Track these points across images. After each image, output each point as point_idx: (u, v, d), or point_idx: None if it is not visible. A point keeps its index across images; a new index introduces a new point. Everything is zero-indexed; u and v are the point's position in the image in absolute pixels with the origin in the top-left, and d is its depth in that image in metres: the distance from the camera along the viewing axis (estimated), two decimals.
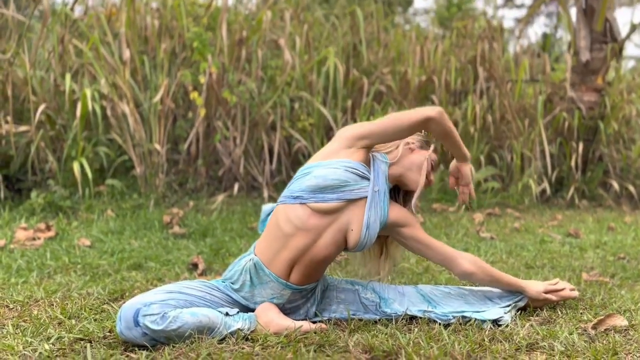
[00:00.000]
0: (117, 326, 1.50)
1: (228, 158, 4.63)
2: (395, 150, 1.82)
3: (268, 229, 1.73)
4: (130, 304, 1.51)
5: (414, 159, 1.83)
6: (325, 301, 1.83)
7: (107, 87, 4.32)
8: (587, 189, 5.26)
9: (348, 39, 5.52)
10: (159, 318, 1.49)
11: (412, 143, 1.86)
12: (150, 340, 1.49)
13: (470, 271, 1.80)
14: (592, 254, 3.00)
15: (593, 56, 5.31)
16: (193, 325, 1.52)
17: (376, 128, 1.73)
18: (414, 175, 1.81)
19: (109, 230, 3.41)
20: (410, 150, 1.84)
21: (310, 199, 1.66)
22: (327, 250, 1.69)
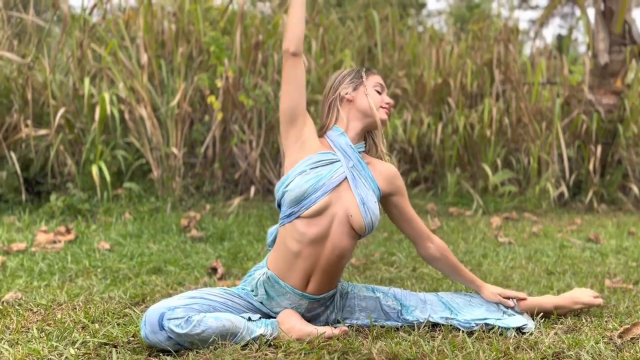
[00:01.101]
0: (142, 330, 1.51)
1: (244, 161, 4.64)
2: (338, 115, 1.78)
3: (277, 248, 1.73)
4: (155, 308, 1.52)
5: (359, 106, 1.77)
6: (346, 310, 1.82)
7: (125, 91, 4.36)
8: (606, 192, 5.19)
9: (363, 42, 5.52)
10: (183, 322, 1.50)
11: (346, 93, 1.79)
12: (175, 344, 1.49)
13: (435, 257, 1.84)
14: (613, 259, 2.97)
15: (612, 59, 5.25)
16: (216, 329, 1.52)
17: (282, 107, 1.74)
18: (370, 120, 1.77)
19: (127, 233, 3.43)
20: (349, 101, 1.78)
21: (301, 209, 1.66)
22: (340, 247, 1.69)
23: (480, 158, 5.21)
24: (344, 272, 2.49)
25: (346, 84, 1.79)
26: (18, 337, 1.65)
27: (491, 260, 2.87)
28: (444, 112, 5.43)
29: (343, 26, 5.77)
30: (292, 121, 1.70)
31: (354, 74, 1.82)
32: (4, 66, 4.63)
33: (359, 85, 1.79)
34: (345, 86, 1.79)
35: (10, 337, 1.65)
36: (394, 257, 2.95)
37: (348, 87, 1.79)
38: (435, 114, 5.39)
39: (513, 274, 2.55)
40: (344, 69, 1.84)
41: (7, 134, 4.43)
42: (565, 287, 2.29)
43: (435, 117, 5.32)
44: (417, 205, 4.67)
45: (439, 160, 5.28)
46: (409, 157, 5.32)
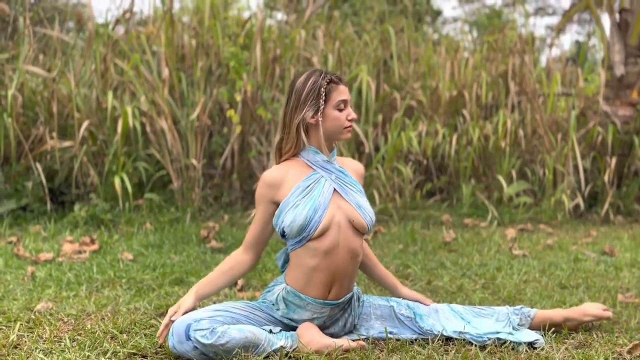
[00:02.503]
0: (170, 341, 1.60)
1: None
2: (307, 137, 1.77)
3: (294, 267, 1.80)
4: (182, 319, 1.62)
5: (324, 130, 1.76)
6: (362, 317, 1.90)
7: (147, 104, 4.49)
8: (622, 204, 5.19)
9: (379, 54, 5.60)
10: (208, 333, 1.58)
11: (311, 117, 1.75)
12: (200, 354, 1.58)
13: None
14: (627, 273, 2.99)
15: (627, 70, 5.26)
16: (240, 340, 1.61)
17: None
18: (340, 136, 1.80)
19: (148, 243, 3.54)
20: (314, 124, 1.76)
21: (310, 233, 1.74)
22: (352, 249, 1.80)
23: (495, 169, 5.25)
24: (360, 285, 2.55)
25: (308, 107, 1.74)
26: (52, 347, 1.74)
27: (505, 274, 2.91)
28: (459, 123, 5.47)
29: (359, 39, 5.85)
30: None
31: (314, 94, 1.73)
32: (30, 80, 4.79)
33: (319, 109, 1.74)
34: (307, 109, 1.74)
35: (44, 347, 1.74)
36: (409, 269, 3.01)
37: (309, 110, 1.74)
38: (450, 125, 5.44)
39: (526, 288, 2.59)
40: (305, 78, 1.76)
41: (33, 145, 4.58)
42: (578, 302, 2.33)
43: (450, 128, 5.37)
44: (432, 217, 4.73)
45: (454, 171, 5.32)
46: (424, 168, 5.37)
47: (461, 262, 3.20)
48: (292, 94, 1.79)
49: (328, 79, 1.76)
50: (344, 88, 1.78)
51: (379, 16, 7.42)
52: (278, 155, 1.85)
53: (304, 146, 1.78)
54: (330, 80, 1.76)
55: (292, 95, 1.78)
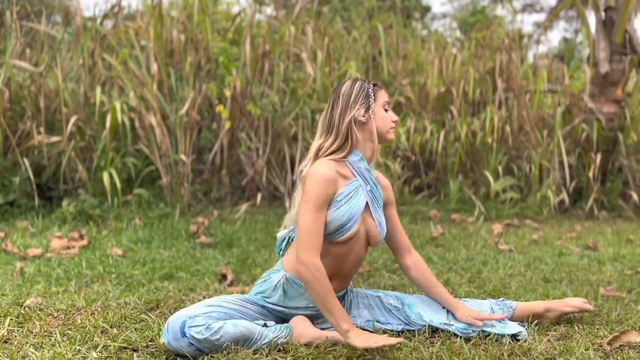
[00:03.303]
0: (165, 337, 1.61)
1: (251, 168, 4.75)
2: (356, 138, 1.78)
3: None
4: (177, 316, 1.64)
5: (372, 129, 1.79)
6: (353, 306, 1.94)
7: (136, 99, 4.48)
8: (606, 199, 5.28)
9: (368, 51, 5.62)
10: (203, 329, 1.61)
11: (361, 115, 1.79)
12: (196, 350, 1.60)
13: (410, 266, 1.95)
14: (610, 267, 3.05)
15: (612, 68, 5.34)
16: (234, 335, 1.64)
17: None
18: (384, 139, 1.84)
19: (137, 239, 3.54)
20: (362, 123, 1.80)
21: (336, 236, 1.76)
22: (359, 257, 1.85)
23: (482, 165, 5.30)
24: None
25: (359, 105, 1.79)
26: (42, 341, 1.76)
27: (491, 268, 2.96)
28: (446, 119, 5.52)
29: (348, 35, 5.88)
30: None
31: (364, 94, 1.82)
32: (17, 74, 4.76)
33: (370, 107, 1.81)
34: (359, 107, 1.79)
35: (34, 341, 1.75)
36: (396, 264, 3.05)
37: (361, 108, 1.79)
38: (438, 121, 5.48)
39: (511, 282, 2.64)
40: (351, 83, 1.84)
41: (20, 140, 4.56)
42: (561, 295, 2.38)
43: (438, 124, 5.41)
44: (420, 212, 4.77)
45: (441, 167, 5.38)
46: (412, 164, 5.42)
47: (448, 256, 3.25)
48: (339, 98, 1.81)
49: (373, 82, 1.86)
50: (385, 92, 1.88)
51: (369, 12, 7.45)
52: (315, 158, 1.81)
53: (353, 147, 1.79)
54: (375, 84, 1.86)
55: (339, 99, 1.81)
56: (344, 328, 1.60)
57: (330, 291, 1.65)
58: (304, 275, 1.65)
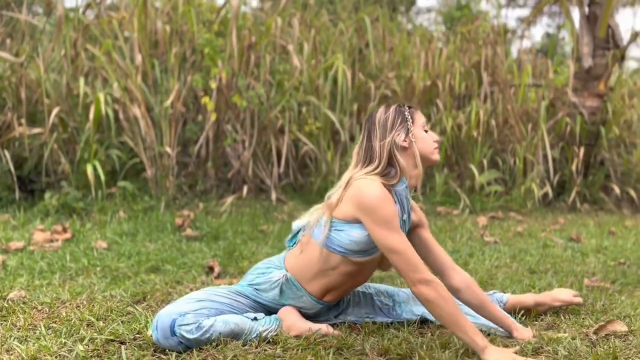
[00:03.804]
0: (154, 335, 1.59)
1: (237, 161, 4.72)
2: (401, 166, 1.70)
3: (306, 257, 1.74)
4: (166, 313, 1.59)
5: (415, 153, 1.71)
6: (340, 303, 1.92)
7: (120, 90, 4.42)
8: (588, 192, 5.35)
9: (354, 43, 5.61)
10: (194, 328, 1.58)
11: (402, 140, 1.71)
12: (185, 347, 1.58)
13: (459, 288, 1.78)
14: (593, 259, 3.10)
15: (595, 62, 5.40)
16: (225, 332, 1.62)
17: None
18: (429, 161, 1.76)
19: (122, 232, 3.50)
20: (404, 148, 1.72)
21: (354, 256, 1.70)
22: (366, 277, 1.83)
23: (468, 158, 5.34)
24: None
25: (397, 130, 1.71)
26: (27, 334, 1.72)
27: (477, 259, 2.98)
28: (432, 113, 5.54)
29: (335, 27, 5.86)
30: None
31: (401, 118, 1.73)
32: None
33: (410, 130, 1.72)
34: (397, 132, 1.71)
35: (19, 334, 1.72)
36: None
37: (400, 133, 1.71)
38: (424, 115, 5.49)
39: (498, 273, 2.67)
40: (385, 109, 1.75)
41: (1, 132, 4.47)
42: (547, 286, 2.41)
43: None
44: None
45: None
46: None
47: None
48: (375, 126, 1.73)
49: (407, 105, 1.79)
50: (421, 113, 1.80)
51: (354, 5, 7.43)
52: (347, 187, 1.69)
53: (402, 175, 1.70)
54: (410, 106, 1.78)
55: (375, 127, 1.73)
56: (480, 345, 1.49)
57: (458, 307, 1.56)
58: (428, 294, 1.54)
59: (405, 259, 1.57)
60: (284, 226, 3.90)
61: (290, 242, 1.83)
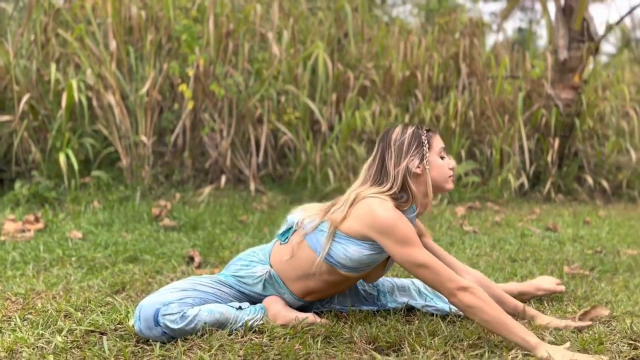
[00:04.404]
0: (136, 325, 1.53)
1: (215, 150, 4.65)
2: (410, 193, 1.65)
3: (296, 258, 1.69)
4: (149, 303, 1.54)
5: (428, 180, 1.65)
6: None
7: (93, 77, 4.29)
8: (562, 183, 5.43)
9: (333, 33, 5.57)
10: (178, 318, 1.53)
11: (415, 166, 1.65)
12: (169, 338, 1.54)
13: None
14: (570, 247, 3.14)
15: (571, 55, 5.46)
16: (209, 322, 1.58)
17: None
18: (442, 189, 1.71)
19: (97, 222, 3.42)
20: (417, 175, 1.66)
21: (343, 269, 1.66)
22: (350, 286, 1.79)
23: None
24: None
25: (412, 155, 1.64)
26: (1, 326, 1.66)
27: (458, 249, 3.00)
28: (410, 104, 5.55)
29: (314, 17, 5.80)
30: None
31: (417, 142, 1.66)
32: None
33: (425, 156, 1.65)
34: (412, 158, 1.64)
35: None
36: None
37: (414, 158, 1.65)
38: (403, 105, 5.50)
39: (479, 262, 2.68)
40: (402, 129, 1.68)
41: None
42: (528, 274, 2.43)
43: (402, 108, 5.43)
44: None
45: None
46: None
47: None
48: (390, 146, 1.66)
49: (426, 128, 1.71)
50: (439, 137, 1.73)
51: None
52: (352, 204, 1.64)
53: (413, 201, 1.65)
54: (428, 129, 1.71)
55: (390, 148, 1.66)
56: (532, 343, 1.43)
57: (501, 308, 1.49)
58: (469, 301, 1.48)
59: (436, 271, 1.51)
60: (264, 217, 3.85)
61: (282, 237, 1.77)
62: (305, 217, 1.72)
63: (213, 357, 1.43)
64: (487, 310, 1.47)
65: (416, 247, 1.54)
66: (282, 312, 1.70)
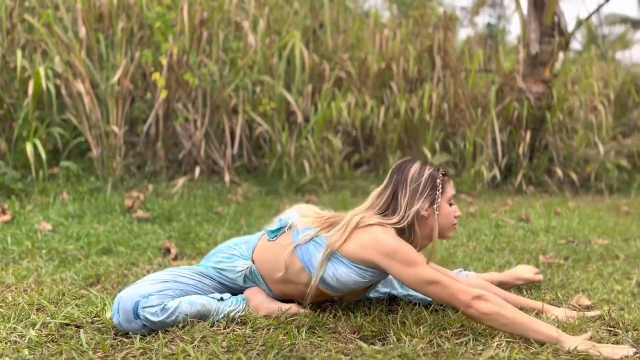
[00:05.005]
0: (115, 318, 1.49)
1: (188, 141, 4.56)
2: (414, 233, 1.64)
3: (276, 262, 1.65)
4: (128, 295, 1.49)
5: (433, 225, 1.64)
6: None
7: (62, 65, 4.16)
8: (533, 175, 5.53)
9: (307, 23, 5.53)
10: (159, 310, 1.49)
11: (425, 209, 1.63)
12: (149, 330, 1.49)
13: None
14: (544, 237, 3.19)
15: (542, 49, 5.55)
16: (191, 314, 1.54)
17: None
18: (444, 236, 1.70)
19: (67, 214, 3.32)
20: (424, 217, 1.64)
21: (325, 287, 1.62)
22: (325, 299, 1.74)
23: (420, 141, 5.39)
24: None
25: (424, 199, 1.63)
26: None
27: None
28: (385, 96, 5.55)
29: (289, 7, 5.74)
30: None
31: (431, 185, 1.65)
32: None
33: (436, 200, 1.64)
34: (424, 201, 1.63)
35: None
36: None
37: (425, 201, 1.63)
38: (378, 97, 5.50)
39: (457, 252, 2.70)
40: (420, 168, 1.66)
41: None
42: (505, 263, 2.46)
43: (378, 100, 5.43)
44: (360, 187, 4.79)
45: (380, 142, 5.41)
46: (351, 139, 5.42)
47: None
48: (404, 182, 1.65)
49: (443, 171, 1.69)
50: (452, 184, 1.72)
51: None
52: (354, 229, 1.61)
53: (415, 243, 1.63)
54: (444, 173, 1.69)
55: (405, 183, 1.64)
56: (555, 337, 1.43)
57: (516, 309, 1.49)
58: (485, 309, 1.46)
59: (447, 286, 1.50)
60: (240, 208, 3.81)
61: (272, 235, 1.72)
62: (300, 221, 1.67)
63: (196, 349, 1.40)
64: (505, 313, 1.46)
65: (422, 266, 1.52)
66: (264, 303, 1.68)
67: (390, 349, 1.41)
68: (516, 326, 1.46)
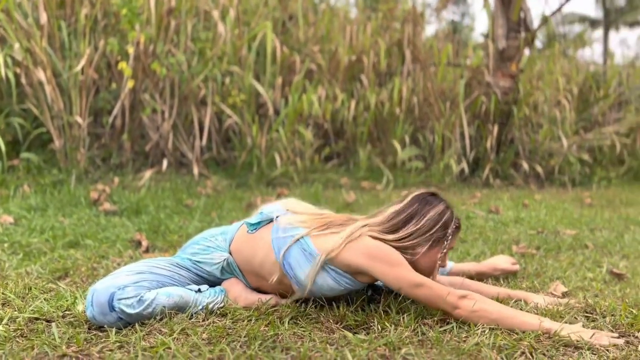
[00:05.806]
0: (88, 311, 1.42)
1: (156, 133, 4.45)
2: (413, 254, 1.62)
3: (260, 257, 1.60)
4: (103, 287, 1.43)
5: (421, 264, 1.62)
6: None
7: (22, 52, 3.98)
8: (500, 169, 5.63)
9: (277, 15, 5.46)
10: (135, 302, 1.43)
11: (421, 247, 1.62)
12: (125, 323, 1.43)
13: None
14: (514, 228, 3.24)
15: (509, 44, 5.64)
16: (168, 306, 1.49)
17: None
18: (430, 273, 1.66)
19: (29, 206, 3.18)
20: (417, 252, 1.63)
21: (301, 290, 1.57)
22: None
23: (390, 135, 5.41)
24: None
25: (430, 242, 1.63)
26: None
27: None
28: (355, 89, 5.55)
29: None
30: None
31: (443, 232, 1.65)
32: None
33: (434, 246, 1.63)
34: (427, 241, 1.62)
35: None
36: None
37: (427, 243, 1.62)
38: (348, 90, 5.49)
39: None
40: (443, 210, 1.67)
41: None
42: (480, 254, 2.48)
43: (348, 94, 5.42)
44: (331, 180, 4.78)
45: (351, 136, 5.41)
46: (322, 132, 5.40)
47: None
48: (422, 216, 1.63)
49: (457, 223, 1.69)
50: (458, 236, 1.71)
51: None
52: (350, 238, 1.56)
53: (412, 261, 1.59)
54: (457, 226, 1.69)
55: (421, 217, 1.63)
56: (547, 326, 1.43)
57: (500, 304, 1.50)
58: (473, 307, 1.46)
59: (433, 288, 1.49)
60: (210, 201, 3.73)
61: (252, 228, 1.66)
62: (285, 218, 1.62)
63: (176, 341, 1.35)
64: (490, 309, 1.47)
65: (408, 268, 1.51)
66: (243, 294, 1.63)
67: (375, 338, 1.39)
68: (505, 319, 1.46)
